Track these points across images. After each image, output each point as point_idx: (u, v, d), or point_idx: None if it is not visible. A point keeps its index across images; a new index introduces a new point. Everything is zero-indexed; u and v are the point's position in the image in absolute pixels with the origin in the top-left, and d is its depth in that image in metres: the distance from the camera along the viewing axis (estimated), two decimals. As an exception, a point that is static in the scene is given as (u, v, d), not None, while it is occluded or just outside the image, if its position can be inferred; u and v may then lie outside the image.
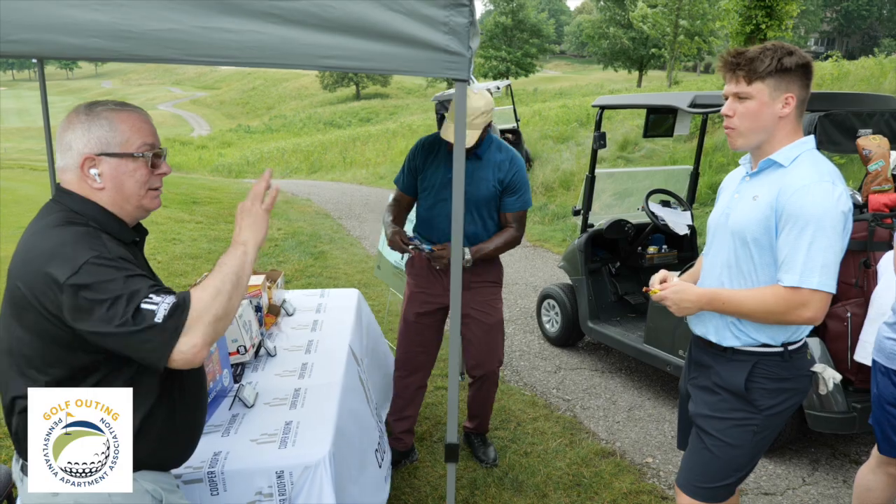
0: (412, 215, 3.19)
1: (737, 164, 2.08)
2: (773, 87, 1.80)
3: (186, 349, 1.33)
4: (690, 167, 5.12)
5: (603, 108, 4.62)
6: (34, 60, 3.55)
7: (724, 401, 1.99)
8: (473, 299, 3.01)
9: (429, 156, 2.95)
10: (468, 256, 2.86)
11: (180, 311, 1.34)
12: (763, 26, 12.78)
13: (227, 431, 2.17)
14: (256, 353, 2.71)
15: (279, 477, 1.96)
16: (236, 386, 2.45)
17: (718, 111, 3.75)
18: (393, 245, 2.91)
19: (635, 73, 43.76)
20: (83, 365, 1.40)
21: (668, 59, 33.65)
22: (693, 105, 3.83)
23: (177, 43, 1.43)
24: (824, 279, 1.74)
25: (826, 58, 15.48)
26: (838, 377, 2.05)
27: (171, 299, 1.34)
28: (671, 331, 3.90)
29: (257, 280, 3.08)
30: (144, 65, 79.07)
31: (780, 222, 1.80)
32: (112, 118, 1.47)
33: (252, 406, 2.33)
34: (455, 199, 1.73)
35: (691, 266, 2.62)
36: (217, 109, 58.14)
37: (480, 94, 2.82)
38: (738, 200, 1.95)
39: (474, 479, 3.19)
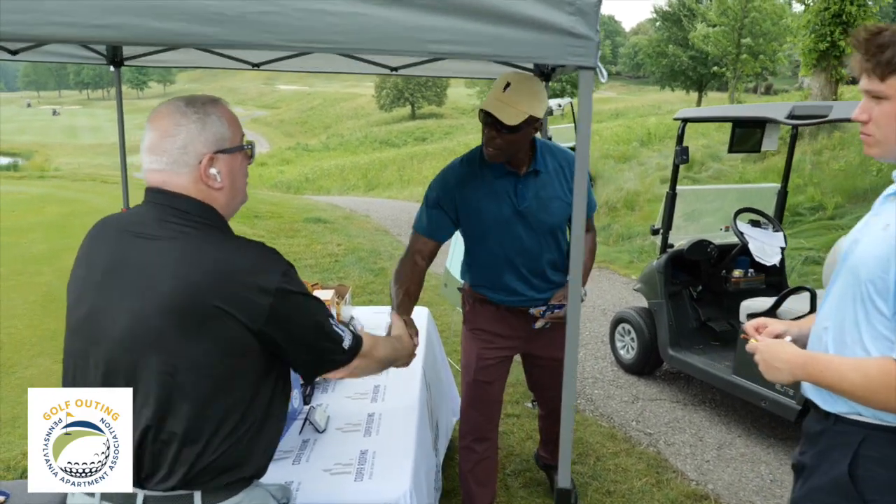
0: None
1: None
2: None
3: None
4: (777, 185, 4.78)
5: (686, 120, 4.36)
6: (111, 68, 3.57)
7: (821, 489, 1.47)
8: (553, 340, 2.48)
9: (468, 187, 2.40)
10: (585, 289, 2.24)
11: (356, 344, 1.51)
12: (841, 42, 12.21)
13: (298, 458, 2.00)
14: (326, 372, 2.54)
15: (357, 514, 1.78)
16: (306, 408, 2.29)
17: (819, 123, 3.46)
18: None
19: (693, 94, 42.76)
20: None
21: (731, 79, 32.69)
22: (792, 116, 3.53)
23: (273, 26, 1.28)
24: None
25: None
26: None
27: (347, 331, 1.51)
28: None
29: (326, 294, 2.93)
30: (209, 84, 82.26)
31: None
32: (218, 113, 1.38)
33: (324, 431, 2.16)
34: (575, 213, 1.50)
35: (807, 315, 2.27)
36: (276, 128, 59.71)
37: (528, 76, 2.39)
38: (871, 226, 1.44)
39: (553, 517, 2.93)
